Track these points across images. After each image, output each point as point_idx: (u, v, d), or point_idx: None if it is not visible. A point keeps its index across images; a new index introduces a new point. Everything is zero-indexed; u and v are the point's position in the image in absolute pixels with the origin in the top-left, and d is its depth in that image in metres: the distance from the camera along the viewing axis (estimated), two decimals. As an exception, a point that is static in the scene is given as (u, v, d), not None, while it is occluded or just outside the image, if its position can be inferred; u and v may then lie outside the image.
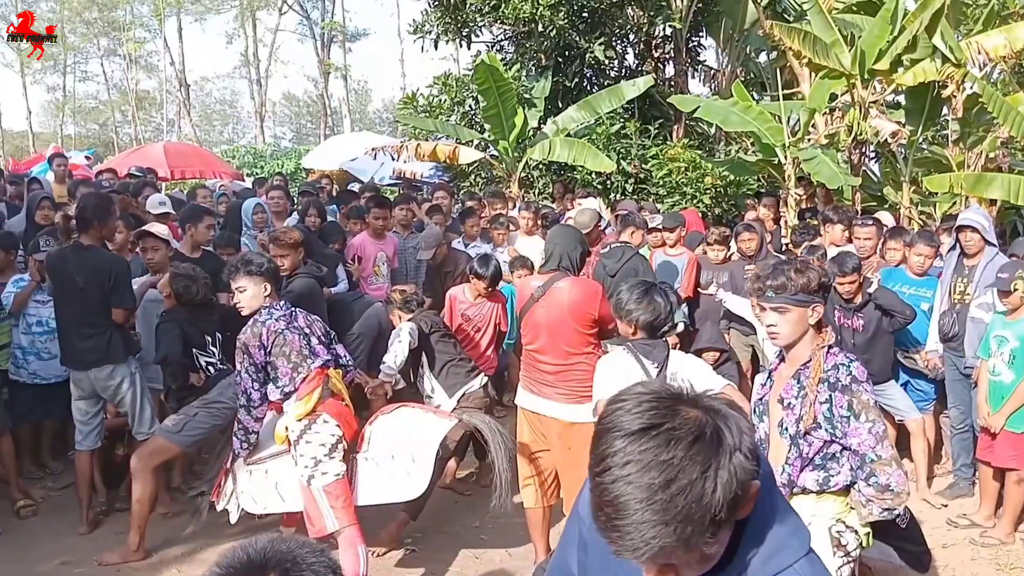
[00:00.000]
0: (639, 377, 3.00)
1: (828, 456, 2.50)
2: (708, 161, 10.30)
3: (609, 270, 5.64)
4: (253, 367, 3.48)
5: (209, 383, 4.38)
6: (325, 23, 34.66)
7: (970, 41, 7.36)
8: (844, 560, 2.51)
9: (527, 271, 5.89)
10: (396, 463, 3.67)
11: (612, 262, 5.66)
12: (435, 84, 11.80)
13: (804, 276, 2.50)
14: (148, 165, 10.80)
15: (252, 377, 3.49)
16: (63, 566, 4.13)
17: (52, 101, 38.39)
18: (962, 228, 5.08)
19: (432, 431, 3.75)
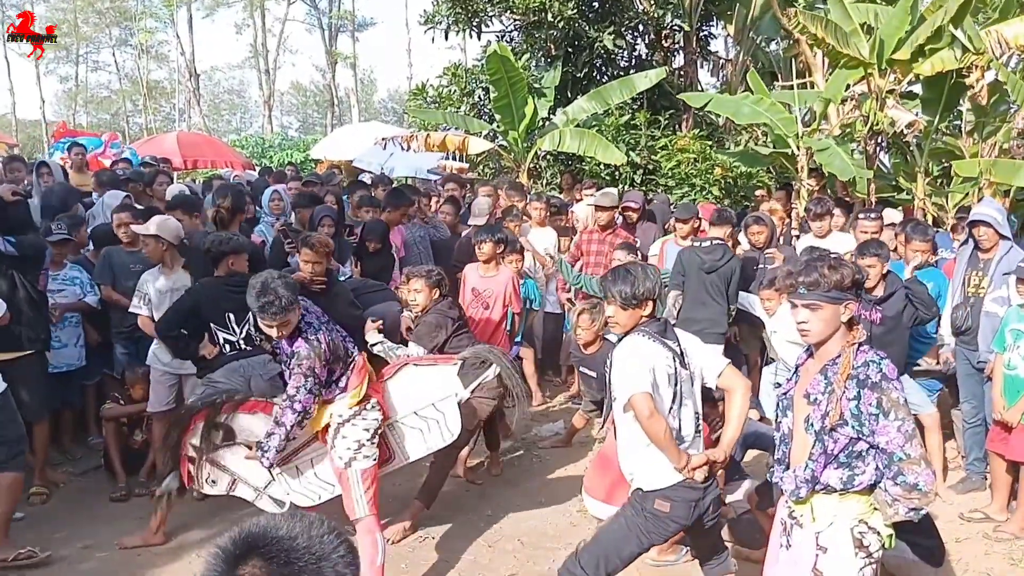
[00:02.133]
0: (667, 358, 2.96)
1: (854, 454, 2.47)
2: (719, 153, 10.26)
3: (707, 266, 5.65)
4: (318, 385, 3.50)
5: (218, 361, 4.34)
6: (333, 12, 34.61)
7: (990, 30, 7.29)
8: (866, 562, 2.48)
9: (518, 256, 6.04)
10: (425, 418, 3.87)
11: (711, 259, 5.67)
12: (445, 75, 11.79)
13: (838, 273, 2.47)
14: (162, 154, 10.85)
15: (316, 394, 3.50)
16: (84, 550, 4.18)
17: (65, 91, 38.58)
18: (975, 223, 5.05)
19: (442, 382, 3.97)
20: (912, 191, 8.60)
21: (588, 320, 5.12)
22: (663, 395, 2.94)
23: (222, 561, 1.10)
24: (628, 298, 2.98)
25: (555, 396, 6.96)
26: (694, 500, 2.98)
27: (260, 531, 1.12)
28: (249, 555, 1.09)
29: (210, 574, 1.11)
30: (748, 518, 4.22)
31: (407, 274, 4.77)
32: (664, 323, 3.09)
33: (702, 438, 3.10)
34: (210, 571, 1.11)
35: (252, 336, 4.33)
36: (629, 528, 3.02)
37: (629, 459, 3.07)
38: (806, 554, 2.54)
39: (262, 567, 1.08)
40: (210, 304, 4.32)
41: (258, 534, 1.12)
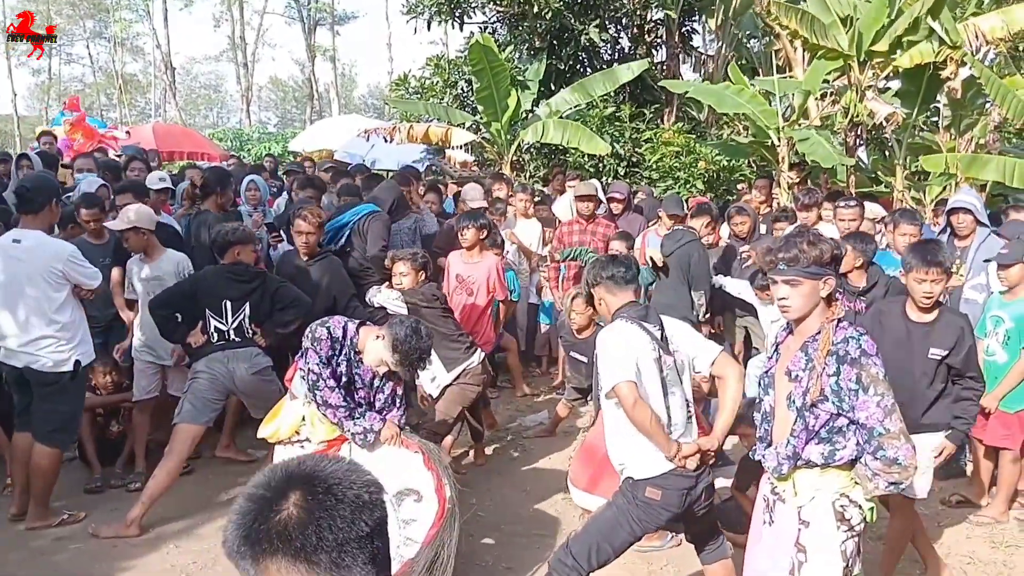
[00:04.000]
0: (648, 344, 2.96)
1: (834, 429, 2.49)
2: (702, 145, 10.29)
3: (665, 250, 5.70)
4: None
5: (203, 351, 4.31)
6: (313, 5, 34.33)
7: (967, 23, 7.37)
8: (848, 535, 2.50)
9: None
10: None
11: (670, 243, 5.72)
12: (427, 66, 11.71)
13: (816, 248, 2.48)
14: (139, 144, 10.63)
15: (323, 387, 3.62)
16: (57, 542, 4.10)
17: (37, 84, 37.90)
18: (955, 210, 5.09)
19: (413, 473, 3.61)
20: (891, 185, 8.68)
21: (582, 304, 5.07)
22: (650, 382, 2.93)
23: (261, 497, 1.09)
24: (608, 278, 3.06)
25: (539, 387, 6.93)
26: (685, 488, 2.96)
27: (300, 469, 1.11)
28: (289, 491, 1.08)
29: (248, 508, 1.09)
30: (732, 503, 4.22)
31: (392, 257, 4.72)
32: (645, 308, 3.08)
33: (695, 426, 3.08)
34: (249, 505, 1.09)
35: (244, 328, 4.28)
36: (620, 517, 3.00)
37: (618, 447, 3.05)
38: (789, 529, 2.55)
39: (301, 502, 1.07)
40: (208, 290, 4.33)
41: (298, 471, 1.11)
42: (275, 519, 1.06)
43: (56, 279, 4.10)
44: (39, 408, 4.13)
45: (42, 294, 4.07)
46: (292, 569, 1.06)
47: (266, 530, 1.06)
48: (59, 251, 4.16)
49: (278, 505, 1.07)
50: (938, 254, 3.45)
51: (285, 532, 1.06)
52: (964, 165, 7.41)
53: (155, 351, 4.85)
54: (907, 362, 3.50)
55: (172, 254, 4.90)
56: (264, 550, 1.06)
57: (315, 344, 3.55)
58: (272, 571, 1.06)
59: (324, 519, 1.06)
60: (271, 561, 1.06)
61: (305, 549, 1.05)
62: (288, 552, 1.05)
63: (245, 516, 1.09)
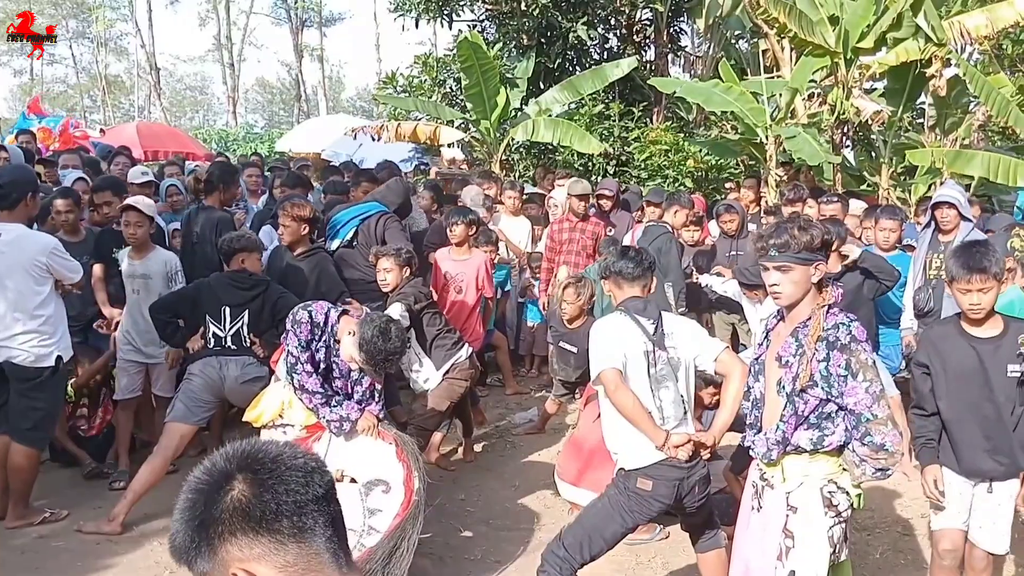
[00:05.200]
0: (639, 337, 2.95)
1: (823, 415, 2.49)
2: (690, 144, 10.32)
3: (639, 244, 5.68)
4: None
5: (199, 354, 4.30)
6: (300, 4, 34.20)
7: (952, 21, 7.43)
8: (835, 521, 2.51)
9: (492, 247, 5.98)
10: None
11: (645, 240, 5.73)
12: (416, 64, 11.68)
13: (807, 234, 2.48)
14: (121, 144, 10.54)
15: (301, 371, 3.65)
16: (39, 540, 4.04)
17: (19, 85, 37.53)
18: (938, 205, 5.12)
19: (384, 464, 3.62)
20: (876, 184, 8.74)
21: (574, 294, 5.11)
22: (638, 374, 2.93)
23: (205, 485, 1.05)
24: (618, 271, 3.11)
25: (528, 385, 6.92)
26: (677, 479, 2.96)
27: (238, 454, 1.08)
28: (233, 473, 1.05)
29: (194, 498, 1.05)
30: (722, 496, 4.21)
31: (376, 253, 4.69)
32: (644, 302, 3.08)
33: (690, 422, 3.07)
34: (194, 497, 1.05)
35: (241, 336, 4.27)
36: (612, 507, 3.01)
37: (613, 437, 3.07)
38: (777, 515, 2.56)
39: (249, 479, 1.04)
40: (210, 295, 4.33)
41: (236, 456, 1.07)
42: (226, 499, 1.03)
43: (40, 272, 4.05)
44: (17, 405, 4.06)
45: (25, 288, 4.01)
46: (254, 545, 1.01)
47: (219, 512, 1.02)
48: (43, 244, 4.11)
49: (226, 487, 1.04)
50: (983, 258, 2.90)
51: (241, 507, 1.02)
52: (950, 160, 7.48)
53: (138, 349, 4.79)
54: (986, 388, 2.93)
55: (161, 252, 4.85)
56: (220, 533, 1.02)
57: (295, 327, 3.55)
58: (231, 557, 1.02)
59: (278, 485, 1.03)
60: (230, 544, 1.02)
61: (265, 517, 1.02)
62: (248, 526, 1.01)
63: (193, 507, 1.05)
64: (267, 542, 1.02)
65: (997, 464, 2.96)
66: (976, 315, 2.94)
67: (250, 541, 1.02)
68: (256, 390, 4.15)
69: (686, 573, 3.69)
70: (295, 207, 4.78)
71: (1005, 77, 8.68)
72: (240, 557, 1.02)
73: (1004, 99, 7.37)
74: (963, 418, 2.98)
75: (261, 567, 1.02)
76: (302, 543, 1.03)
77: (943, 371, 2.97)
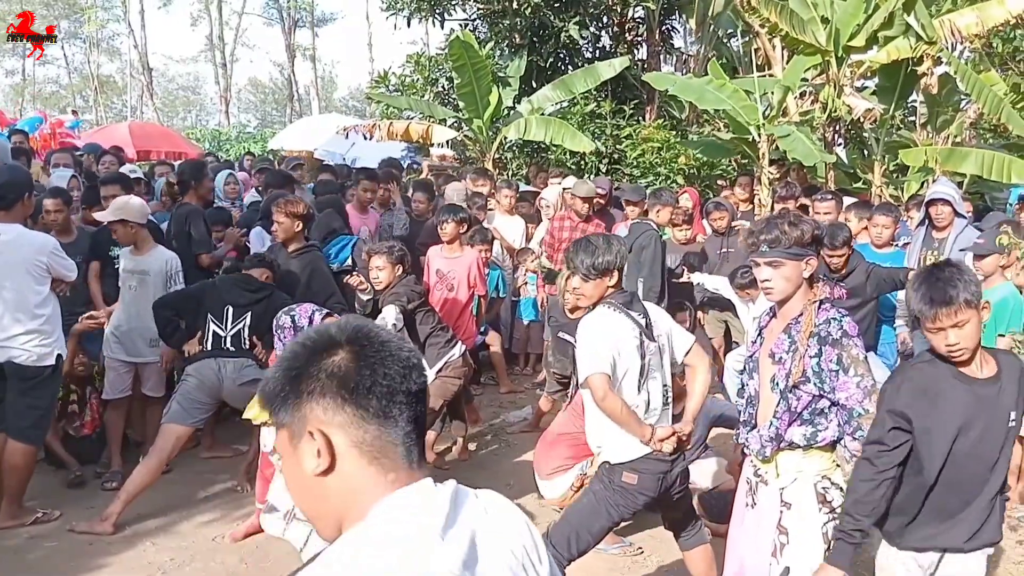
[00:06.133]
0: (631, 331, 2.94)
1: (816, 411, 2.50)
2: (682, 143, 10.33)
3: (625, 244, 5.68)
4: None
5: (193, 356, 4.29)
6: (292, 3, 34.12)
7: (943, 19, 7.46)
8: (829, 516, 2.51)
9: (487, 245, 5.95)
10: None
11: (630, 237, 5.69)
12: (408, 63, 11.67)
13: (798, 229, 2.50)
14: (113, 144, 10.52)
15: None
16: (31, 540, 4.01)
17: (11, 86, 37.34)
18: (933, 202, 5.14)
19: None
20: (869, 182, 8.76)
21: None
22: (630, 367, 2.93)
23: (312, 343, 1.08)
24: (589, 268, 2.97)
25: (522, 383, 6.91)
26: (661, 472, 2.97)
27: (351, 326, 1.11)
28: (341, 342, 1.08)
29: (299, 351, 1.08)
30: (715, 493, 4.22)
31: (368, 252, 4.69)
32: (631, 295, 3.08)
33: (671, 410, 3.08)
34: (299, 349, 1.09)
35: (241, 337, 4.24)
36: (598, 502, 3.00)
37: (596, 432, 3.05)
38: (771, 511, 2.57)
39: (354, 350, 1.07)
40: (214, 294, 4.35)
41: (349, 327, 1.10)
42: (327, 361, 1.06)
43: (41, 272, 4.04)
44: (16, 404, 4.04)
45: (25, 287, 4.00)
46: (339, 412, 1.04)
47: (316, 370, 1.05)
48: (43, 244, 4.10)
49: (330, 353, 1.07)
50: (947, 286, 2.22)
51: (339, 373, 1.05)
52: (943, 158, 7.52)
53: (128, 349, 4.75)
54: (991, 440, 2.31)
55: (161, 251, 4.82)
56: (312, 390, 1.05)
57: (279, 332, 3.57)
58: (314, 416, 1.04)
59: (378, 366, 1.06)
60: (316, 403, 1.04)
61: (358, 390, 1.04)
62: (339, 393, 1.04)
63: (295, 358, 1.07)
64: (351, 413, 1.04)
65: (972, 534, 2.33)
66: (960, 357, 2.26)
67: (336, 407, 1.04)
68: (254, 391, 4.14)
69: (680, 570, 3.69)
70: (289, 203, 4.77)
71: (996, 75, 8.72)
72: (322, 419, 1.04)
73: (996, 97, 7.41)
74: (951, 481, 2.30)
75: (338, 435, 1.04)
76: (382, 428, 1.05)
77: (933, 425, 2.27)
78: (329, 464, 1.04)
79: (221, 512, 4.35)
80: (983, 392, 2.30)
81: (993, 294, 4.53)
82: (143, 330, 4.67)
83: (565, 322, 5.24)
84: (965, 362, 2.30)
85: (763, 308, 4.50)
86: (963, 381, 2.31)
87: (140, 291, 4.69)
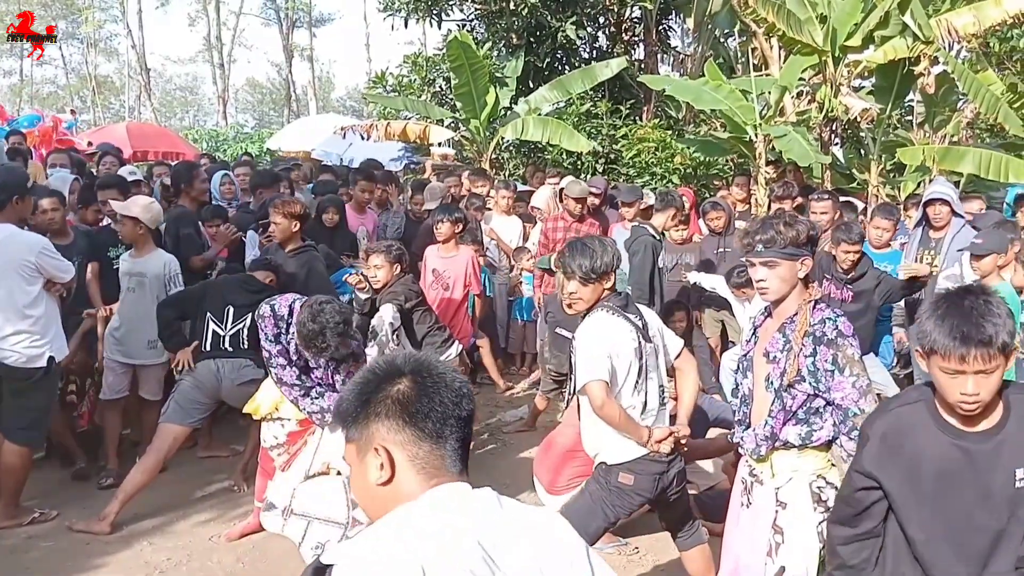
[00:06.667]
0: (631, 332, 2.94)
1: (811, 410, 2.50)
2: (678, 142, 10.34)
3: (624, 246, 5.60)
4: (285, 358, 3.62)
5: (197, 356, 4.29)
6: (290, 4, 34.10)
7: (939, 19, 7.48)
8: (824, 516, 2.50)
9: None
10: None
11: (630, 240, 5.70)
12: (405, 63, 11.67)
13: (793, 229, 2.50)
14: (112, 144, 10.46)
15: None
16: (28, 540, 4.01)
17: (9, 86, 37.28)
18: (931, 202, 5.15)
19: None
20: (866, 181, 8.78)
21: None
22: (629, 369, 2.92)
23: (379, 373, 1.29)
24: (587, 272, 2.96)
25: (518, 383, 6.91)
26: (658, 473, 2.97)
27: (409, 360, 1.31)
28: (403, 373, 1.28)
29: (369, 379, 1.29)
30: (712, 492, 4.23)
31: (366, 251, 4.70)
32: (626, 297, 3.08)
33: (667, 410, 3.09)
34: (369, 377, 1.30)
35: (240, 338, 4.25)
36: (594, 503, 3.00)
37: (592, 434, 3.04)
38: (766, 511, 2.56)
39: (415, 380, 1.27)
40: (215, 294, 4.36)
41: (407, 361, 1.31)
42: (392, 389, 1.27)
43: (30, 272, 4.02)
44: (10, 405, 4.05)
45: (15, 288, 3.98)
46: (400, 433, 1.25)
47: (383, 396, 1.26)
48: (32, 244, 4.08)
49: (396, 380, 1.28)
50: (985, 322, 1.77)
51: (402, 399, 1.26)
52: (940, 157, 7.53)
53: (125, 351, 4.75)
54: (992, 507, 1.87)
55: (160, 254, 4.80)
56: (378, 412, 1.26)
57: (261, 321, 3.60)
58: (379, 433, 1.25)
59: (435, 394, 1.27)
60: (381, 423, 1.25)
61: (417, 414, 1.25)
62: (401, 416, 1.25)
63: (367, 384, 1.29)
64: (410, 433, 1.25)
65: None
66: (973, 411, 1.84)
67: (398, 428, 1.25)
68: (252, 391, 4.15)
69: (677, 569, 3.70)
70: (286, 204, 4.77)
71: (993, 75, 8.73)
72: (385, 437, 1.25)
73: (993, 96, 7.42)
74: (940, 539, 1.92)
75: (397, 451, 1.25)
76: (435, 445, 1.26)
77: (911, 483, 1.92)
78: (390, 476, 1.25)
79: (218, 512, 4.35)
80: (976, 448, 1.86)
81: (988, 293, 4.55)
82: (141, 332, 4.66)
83: (562, 318, 5.23)
84: (972, 419, 1.86)
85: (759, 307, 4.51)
86: (949, 434, 1.88)
87: (138, 293, 4.68)
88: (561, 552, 1.27)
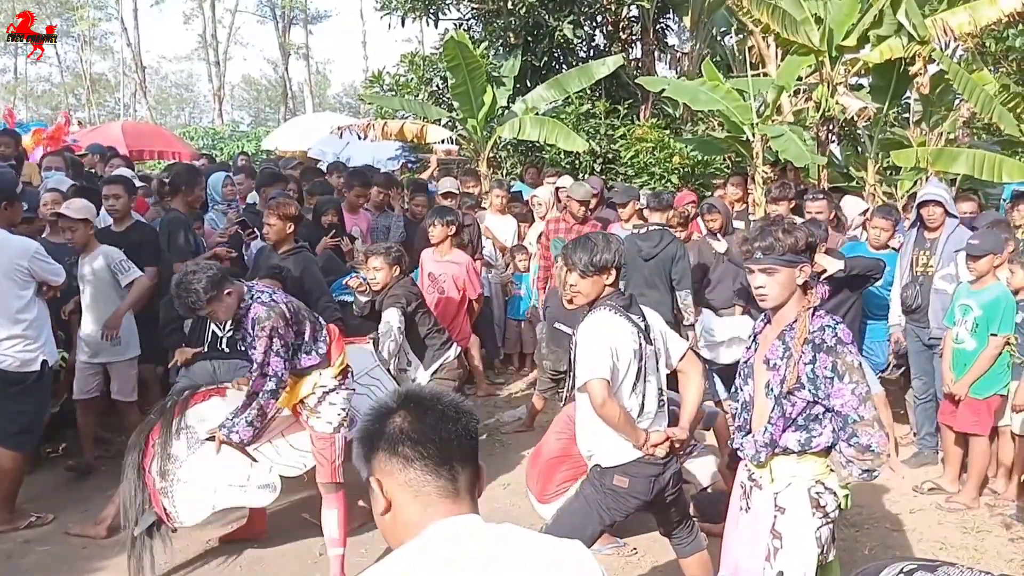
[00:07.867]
0: (632, 333, 2.93)
1: (811, 417, 2.51)
2: (676, 141, 10.33)
3: (645, 254, 5.42)
4: (286, 348, 3.48)
5: (195, 357, 4.28)
6: (286, 2, 34.02)
7: (935, 18, 7.47)
8: (823, 521, 2.52)
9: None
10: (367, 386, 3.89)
11: (649, 245, 5.44)
12: (402, 62, 11.65)
13: (792, 236, 2.50)
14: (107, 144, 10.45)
15: (286, 357, 3.48)
16: (25, 544, 4.01)
17: (3, 84, 37.14)
18: (925, 203, 5.16)
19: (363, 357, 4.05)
20: (863, 180, 8.78)
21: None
22: (627, 370, 2.92)
23: (377, 413, 1.38)
24: (586, 265, 2.95)
25: (515, 384, 6.92)
26: (653, 475, 2.97)
27: (402, 394, 1.40)
28: (398, 408, 1.36)
29: (369, 423, 1.37)
30: (709, 493, 4.24)
31: (365, 252, 4.69)
32: (630, 298, 3.07)
33: (665, 413, 3.08)
34: (369, 419, 1.38)
35: (237, 341, 4.24)
36: (589, 506, 3.00)
37: (587, 435, 3.04)
38: (765, 515, 2.57)
39: (410, 410, 1.35)
40: None
41: (400, 396, 1.39)
42: (389, 422, 1.35)
43: (22, 276, 4.01)
44: (3, 409, 4.04)
45: (7, 292, 3.98)
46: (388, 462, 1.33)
47: (382, 430, 1.34)
48: (24, 248, 4.07)
49: (390, 416, 1.36)
50: None
51: (395, 430, 1.34)
52: (933, 158, 7.53)
53: (89, 352, 4.71)
54: None
55: (102, 248, 4.72)
56: (378, 447, 1.33)
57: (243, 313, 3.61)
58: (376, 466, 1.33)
59: (429, 421, 1.34)
60: (378, 456, 1.33)
61: (406, 442, 1.32)
62: (395, 446, 1.32)
63: (370, 423, 1.38)
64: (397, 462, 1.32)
65: None
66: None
67: (387, 457, 1.33)
68: None
69: (675, 570, 3.70)
70: (281, 205, 4.75)
71: (989, 74, 8.73)
72: (381, 469, 1.33)
73: (988, 96, 7.42)
74: None
75: (388, 480, 1.33)
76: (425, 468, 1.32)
77: None
78: (386, 505, 1.32)
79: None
80: None
81: (985, 294, 4.57)
82: (101, 331, 4.63)
83: (561, 313, 5.22)
84: None
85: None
86: None
87: (93, 293, 4.64)
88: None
